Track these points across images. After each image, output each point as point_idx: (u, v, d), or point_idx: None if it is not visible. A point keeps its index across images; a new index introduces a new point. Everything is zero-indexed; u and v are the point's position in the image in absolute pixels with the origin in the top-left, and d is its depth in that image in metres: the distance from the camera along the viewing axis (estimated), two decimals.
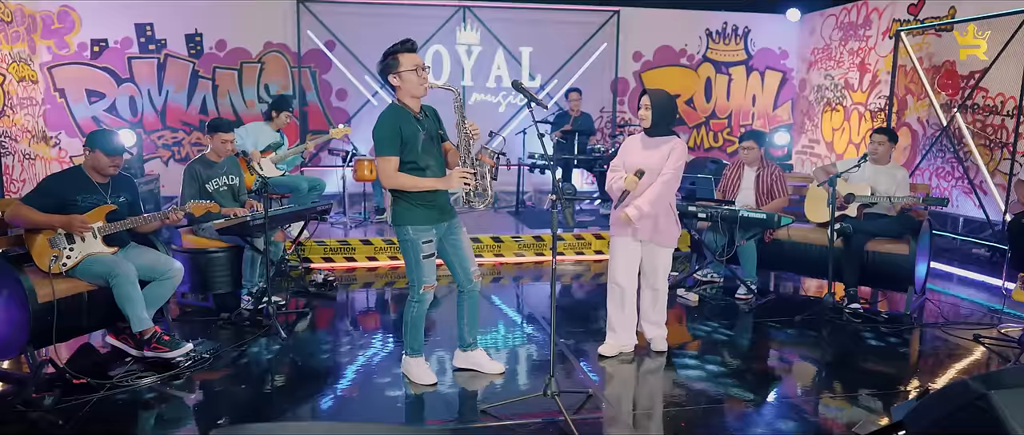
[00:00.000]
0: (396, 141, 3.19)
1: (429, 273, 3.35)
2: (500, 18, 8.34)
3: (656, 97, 3.64)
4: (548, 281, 5.92)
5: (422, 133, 3.26)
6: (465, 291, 3.55)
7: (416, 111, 3.28)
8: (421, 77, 3.23)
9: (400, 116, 3.23)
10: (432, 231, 3.32)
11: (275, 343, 4.07)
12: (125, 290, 3.51)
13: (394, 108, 3.26)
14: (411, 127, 3.22)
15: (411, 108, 3.26)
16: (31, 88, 7.23)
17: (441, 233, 3.40)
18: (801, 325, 4.50)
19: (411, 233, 3.29)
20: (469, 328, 3.61)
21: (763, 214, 4.69)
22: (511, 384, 3.55)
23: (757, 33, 9.01)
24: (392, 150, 3.18)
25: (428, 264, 3.33)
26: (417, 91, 3.24)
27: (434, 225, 3.33)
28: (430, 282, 3.37)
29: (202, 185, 4.56)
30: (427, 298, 3.40)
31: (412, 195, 3.26)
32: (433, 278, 3.37)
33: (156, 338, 3.58)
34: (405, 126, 3.21)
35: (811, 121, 8.83)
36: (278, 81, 8.06)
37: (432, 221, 3.32)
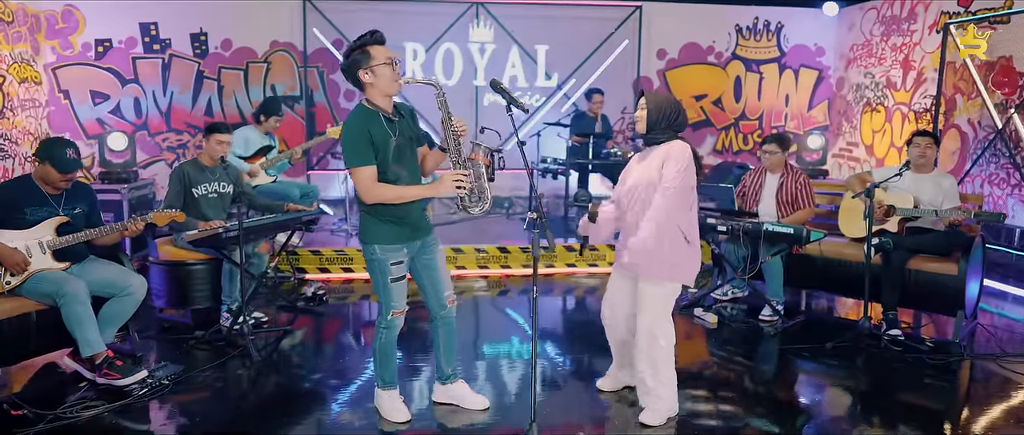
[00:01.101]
0: (368, 148, 2.81)
1: (399, 297, 2.98)
2: (515, 15, 7.94)
3: (654, 97, 3.06)
4: (559, 296, 5.51)
5: (394, 138, 2.88)
6: (438, 318, 3.17)
7: (388, 111, 2.90)
8: (395, 72, 2.85)
9: (368, 119, 2.85)
10: (403, 250, 2.95)
11: (245, 366, 3.74)
12: (74, 310, 3.21)
13: (362, 110, 2.88)
14: (381, 131, 2.85)
15: (382, 108, 2.88)
16: (34, 89, 7.08)
17: (413, 252, 3.02)
18: (833, 353, 4.00)
19: (379, 252, 2.92)
20: (446, 358, 3.23)
21: (790, 229, 4.20)
22: (499, 417, 3.16)
23: (791, 29, 8.44)
24: (365, 159, 2.81)
25: (397, 288, 2.96)
26: (390, 88, 2.86)
27: (405, 243, 2.96)
28: (399, 307, 2.99)
29: (189, 189, 4.26)
30: (396, 324, 3.03)
31: (381, 209, 2.89)
32: (403, 303, 3.00)
33: (108, 363, 3.28)
34: (375, 130, 2.83)
35: (849, 123, 8.23)
36: (285, 81, 7.79)
37: (403, 239, 2.95)
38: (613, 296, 3.25)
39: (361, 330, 4.60)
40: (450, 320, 3.18)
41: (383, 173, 2.86)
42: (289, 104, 7.83)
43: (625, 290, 3.17)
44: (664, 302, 3.01)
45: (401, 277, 2.95)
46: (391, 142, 2.86)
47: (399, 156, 2.89)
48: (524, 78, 8.09)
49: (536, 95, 8.14)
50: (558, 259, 6.09)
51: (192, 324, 4.35)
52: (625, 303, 3.17)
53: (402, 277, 2.96)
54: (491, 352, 4.10)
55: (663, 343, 3.00)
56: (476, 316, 4.95)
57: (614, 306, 3.25)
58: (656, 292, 2.99)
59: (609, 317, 3.28)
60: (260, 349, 4.00)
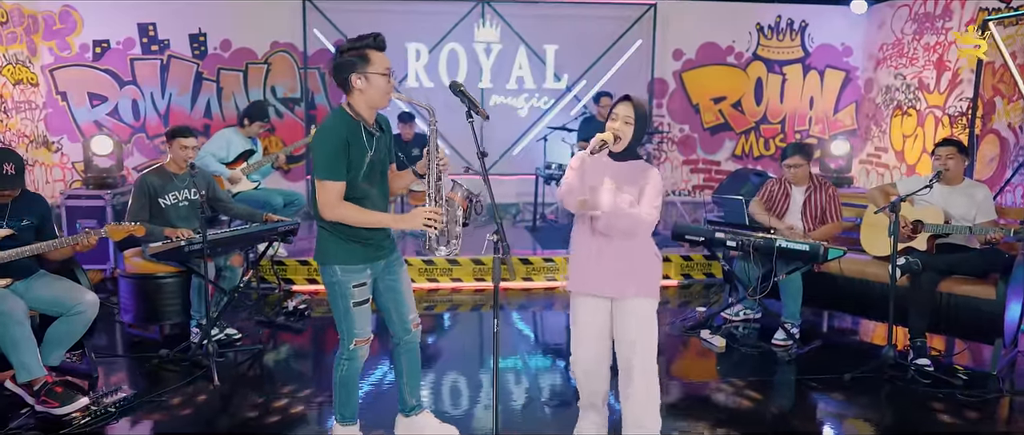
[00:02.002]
0: (342, 161, 2.52)
1: (362, 324, 2.67)
2: (522, 13, 7.60)
3: (642, 107, 2.61)
4: (562, 311, 5.17)
5: (370, 154, 2.59)
6: (401, 343, 2.86)
7: (370, 123, 2.61)
8: (390, 84, 2.56)
9: (350, 128, 2.55)
10: (366, 272, 2.66)
11: (203, 392, 3.46)
12: (8, 332, 2.96)
13: (343, 117, 2.57)
14: (359, 145, 2.56)
15: (365, 119, 2.59)
16: (30, 91, 6.94)
17: (377, 272, 2.72)
18: (852, 385, 3.59)
19: (339, 274, 2.62)
20: (410, 388, 2.93)
21: (805, 245, 3.81)
22: None
23: (816, 27, 7.97)
24: (336, 173, 2.51)
25: (360, 313, 2.66)
26: (381, 101, 2.58)
27: (369, 264, 2.66)
28: (362, 335, 2.69)
29: (154, 200, 4.02)
30: (360, 355, 2.72)
31: (343, 227, 2.59)
32: (367, 330, 2.70)
33: (46, 389, 3.02)
34: (354, 142, 2.54)
35: (878, 127, 7.74)
36: (285, 83, 7.56)
37: (366, 259, 2.65)
38: (589, 335, 2.69)
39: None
40: (414, 345, 2.88)
41: (351, 189, 2.56)
42: (289, 106, 7.61)
43: (598, 323, 2.68)
44: (653, 320, 2.66)
45: (364, 301, 2.66)
46: (366, 158, 2.57)
47: (370, 174, 2.61)
48: (532, 80, 7.75)
49: (544, 97, 7.79)
50: (560, 272, 5.73)
51: (161, 340, 4.09)
52: (603, 337, 2.70)
53: (365, 301, 2.66)
54: (465, 372, 3.78)
55: (651, 367, 2.63)
56: (479, 331, 4.65)
57: (593, 345, 2.69)
58: (650, 307, 2.63)
59: (590, 361, 2.70)
60: (230, 368, 3.74)
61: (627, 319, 2.60)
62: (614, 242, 2.58)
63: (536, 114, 7.82)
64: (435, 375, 3.77)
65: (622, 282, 2.59)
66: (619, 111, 2.60)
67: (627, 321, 2.60)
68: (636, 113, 2.58)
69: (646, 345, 2.60)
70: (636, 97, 2.64)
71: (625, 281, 2.59)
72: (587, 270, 2.64)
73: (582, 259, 2.67)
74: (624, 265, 2.59)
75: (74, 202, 5.49)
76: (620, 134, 2.57)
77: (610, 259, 2.59)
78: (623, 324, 2.61)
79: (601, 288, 2.63)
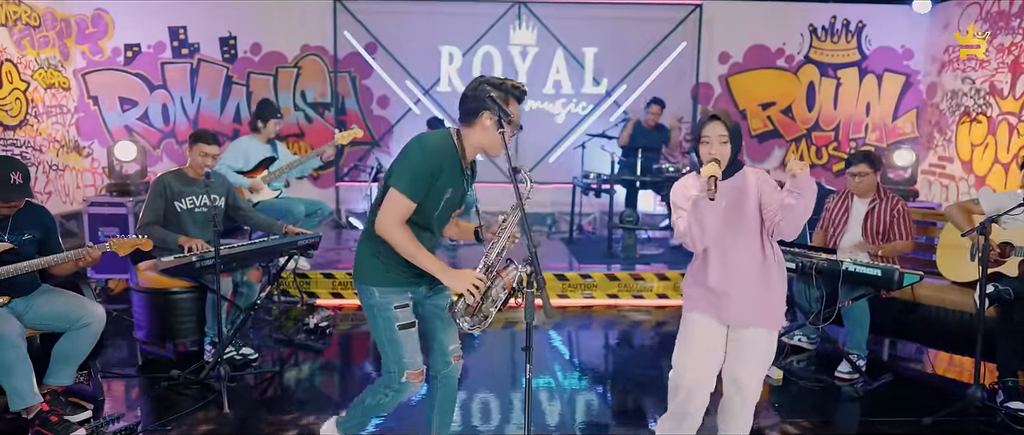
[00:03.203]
0: (426, 184, 2.29)
1: (411, 351, 2.40)
2: (560, 15, 7.27)
3: (730, 119, 2.43)
4: (599, 330, 4.83)
5: (450, 192, 2.36)
6: (439, 376, 2.56)
7: (467, 162, 2.40)
8: (507, 139, 2.30)
9: (450, 157, 2.33)
10: (407, 294, 2.40)
11: (213, 419, 3.21)
12: (3, 355, 2.74)
13: (449, 143, 2.36)
14: (449, 179, 2.34)
15: (467, 157, 2.39)
16: (62, 95, 6.88)
17: (419, 297, 2.46)
18: (935, 429, 3.17)
19: (377, 296, 2.37)
20: (440, 422, 2.62)
21: (878, 270, 3.39)
22: None
23: (874, 28, 7.47)
24: (417, 193, 2.28)
25: (407, 338, 2.39)
26: (492, 150, 2.39)
27: (409, 287, 2.40)
28: (415, 367, 2.41)
29: (170, 203, 3.80)
30: (410, 389, 2.44)
31: (386, 246, 2.33)
32: (419, 359, 2.42)
33: (41, 419, 2.80)
34: (447, 172, 2.32)
35: (942, 135, 7.20)
36: (315, 87, 7.38)
37: (407, 283, 2.39)
38: (706, 357, 2.52)
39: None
40: (452, 379, 2.59)
41: (419, 222, 2.35)
42: (319, 111, 7.42)
43: (719, 341, 2.52)
44: (773, 350, 2.59)
45: (410, 324, 2.40)
46: (445, 196, 2.35)
47: (445, 214, 2.41)
48: (569, 84, 7.41)
49: (582, 103, 7.45)
50: (598, 289, 5.38)
51: (174, 359, 3.87)
52: (717, 358, 2.54)
53: (412, 325, 2.40)
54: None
55: (757, 395, 2.58)
56: (511, 349, 4.35)
57: (705, 367, 2.52)
58: (773, 340, 2.55)
59: (694, 381, 2.52)
60: (243, 392, 3.49)
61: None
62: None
63: (574, 120, 7.49)
64: (466, 393, 3.53)
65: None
66: (710, 133, 2.41)
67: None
68: (729, 129, 2.40)
69: None
70: (722, 112, 2.45)
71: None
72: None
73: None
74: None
75: (96, 209, 5.34)
76: (719, 157, 2.37)
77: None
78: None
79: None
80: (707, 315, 2.48)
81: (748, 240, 2.43)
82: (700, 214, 2.31)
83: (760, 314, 2.46)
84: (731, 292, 2.43)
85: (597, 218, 7.49)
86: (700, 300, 2.50)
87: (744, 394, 2.51)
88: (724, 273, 2.43)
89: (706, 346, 2.49)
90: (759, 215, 2.45)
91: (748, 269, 2.43)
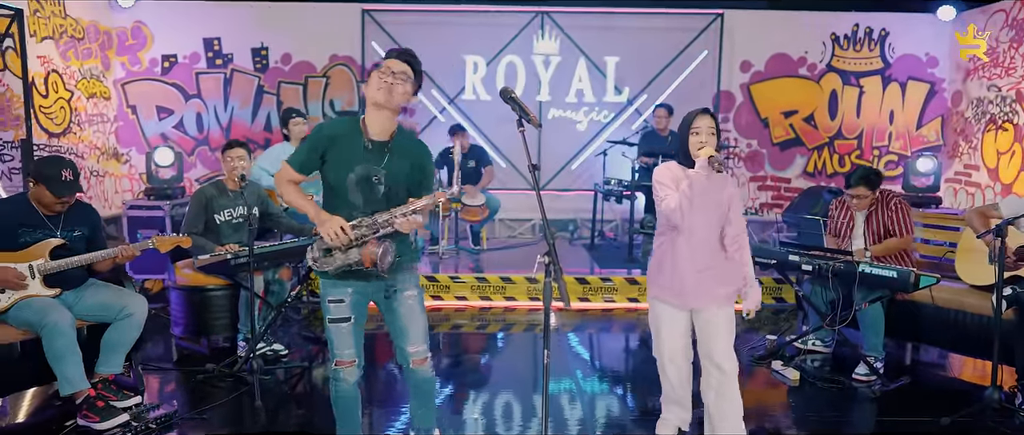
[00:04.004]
0: (312, 153, 2.48)
1: (341, 344, 2.49)
2: (582, 25, 7.40)
3: (717, 118, 2.81)
4: (619, 333, 4.91)
5: (361, 167, 2.44)
6: (406, 371, 2.66)
7: (376, 137, 2.47)
8: (382, 81, 2.41)
9: (340, 134, 2.51)
10: (346, 289, 2.47)
11: (246, 409, 3.36)
12: (53, 343, 2.92)
13: (341, 122, 2.65)
14: (344, 155, 2.46)
15: (366, 130, 2.47)
16: (103, 104, 7.17)
17: (371, 293, 2.54)
18: (950, 431, 3.19)
19: (323, 287, 2.52)
20: (416, 417, 2.74)
21: (894, 271, 3.44)
22: None
23: (897, 36, 7.47)
24: (295, 159, 2.53)
25: (337, 331, 2.48)
26: (375, 96, 2.43)
27: (349, 283, 2.47)
28: (342, 357, 2.50)
29: (210, 214, 3.99)
30: (342, 377, 2.52)
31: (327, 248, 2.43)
32: (347, 352, 2.50)
33: (88, 404, 2.97)
34: (338, 149, 2.47)
35: (968, 143, 7.16)
36: (343, 96, 7.58)
37: (343, 281, 2.46)
38: (678, 338, 2.87)
39: (390, 369, 4.16)
40: (422, 380, 2.65)
41: (337, 190, 2.49)
42: None
43: (683, 330, 2.86)
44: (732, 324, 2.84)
45: (341, 319, 2.47)
46: (356, 167, 2.44)
47: (362, 186, 2.45)
48: (591, 93, 7.52)
49: (604, 111, 7.55)
50: (618, 293, 5.46)
51: (208, 354, 4.04)
52: (687, 340, 2.89)
53: (343, 319, 2.47)
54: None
55: (734, 368, 2.79)
56: (533, 352, 4.44)
57: (682, 347, 2.89)
58: (730, 314, 2.80)
59: (680, 358, 2.90)
60: (275, 386, 3.64)
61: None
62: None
63: (595, 128, 7.58)
64: (488, 395, 3.62)
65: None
66: (701, 124, 2.74)
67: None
68: (717, 123, 2.77)
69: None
70: (709, 108, 2.82)
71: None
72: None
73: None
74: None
75: (135, 213, 5.58)
76: (710, 146, 2.70)
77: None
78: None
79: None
80: (670, 305, 2.80)
81: (712, 227, 2.73)
82: (695, 193, 2.62)
83: (716, 295, 2.74)
84: (690, 279, 2.72)
85: (618, 225, 7.57)
86: (663, 290, 2.80)
87: (722, 367, 2.75)
88: (689, 253, 2.70)
89: (672, 329, 2.83)
90: (725, 212, 2.75)
91: (708, 251, 2.73)
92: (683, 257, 2.72)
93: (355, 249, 2.36)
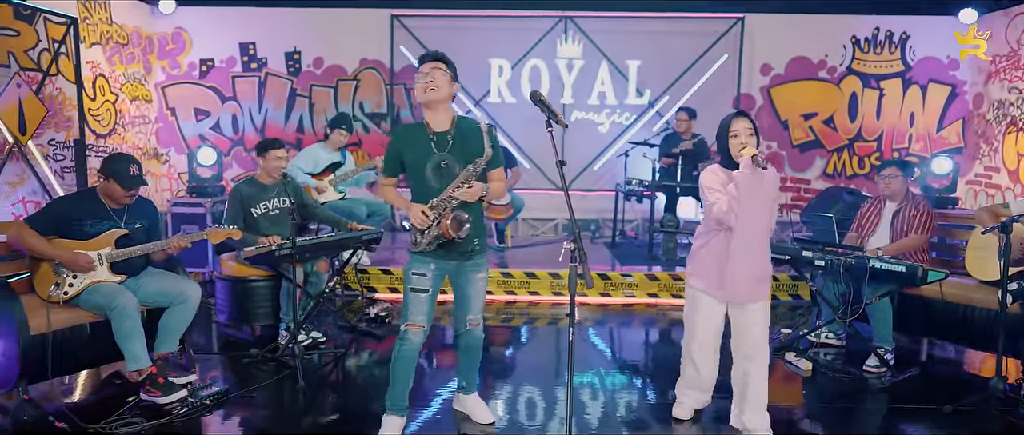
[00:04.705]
0: (393, 161, 2.98)
1: (415, 310, 2.89)
2: (605, 29, 7.59)
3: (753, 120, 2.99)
4: (639, 327, 5.09)
5: (436, 155, 2.88)
6: (459, 334, 3.10)
7: (438, 129, 2.92)
8: (423, 85, 2.88)
9: (408, 137, 2.98)
10: (429, 265, 2.88)
11: (289, 390, 3.61)
12: (122, 324, 3.21)
13: (407, 126, 3.12)
14: (417, 152, 2.90)
15: (429, 124, 2.92)
16: (145, 107, 7.52)
17: (448, 271, 2.96)
18: (955, 418, 3.34)
19: (409, 261, 2.95)
20: (462, 373, 3.27)
21: (902, 266, 3.60)
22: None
23: (918, 39, 7.55)
24: (388, 170, 3.04)
25: (414, 299, 2.89)
26: (420, 98, 2.92)
27: (435, 260, 2.89)
28: (413, 321, 2.89)
29: (247, 209, 4.26)
30: (410, 339, 2.91)
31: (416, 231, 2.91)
32: (419, 317, 2.89)
33: (151, 380, 3.24)
34: (411, 149, 2.92)
35: (988, 145, 7.22)
36: (372, 99, 7.85)
37: (429, 258, 2.90)
38: (714, 329, 3.08)
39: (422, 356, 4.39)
40: (473, 339, 3.12)
41: (420, 183, 2.91)
42: (376, 121, 7.89)
43: (719, 322, 3.07)
44: (768, 318, 3.03)
45: (420, 290, 2.89)
46: (429, 159, 2.88)
47: (439, 174, 2.88)
48: (613, 95, 7.71)
49: (626, 113, 7.74)
50: (639, 289, 5.64)
51: (251, 340, 4.31)
52: (720, 330, 3.10)
53: (421, 290, 2.88)
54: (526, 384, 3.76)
55: (766, 359, 3.01)
56: (556, 345, 4.65)
57: (715, 336, 3.10)
58: (764, 309, 2.98)
59: (711, 348, 3.12)
60: (314, 370, 3.89)
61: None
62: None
63: (617, 130, 7.77)
64: (511, 387, 3.78)
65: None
66: (739, 127, 2.90)
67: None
68: (754, 125, 2.92)
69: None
70: (745, 111, 3.01)
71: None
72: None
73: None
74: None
75: (178, 210, 5.89)
76: (750, 146, 2.86)
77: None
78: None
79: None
80: (712, 297, 2.97)
81: (760, 221, 2.84)
82: (743, 193, 2.74)
83: (759, 289, 2.92)
84: (741, 275, 2.84)
85: (639, 225, 7.74)
86: (708, 284, 2.95)
87: (755, 357, 2.92)
88: (742, 253, 2.82)
89: (709, 320, 2.98)
90: (769, 203, 2.87)
91: (755, 246, 2.85)
92: (736, 256, 2.84)
93: (435, 225, 2.77)
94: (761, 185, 2.81)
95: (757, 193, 2.79)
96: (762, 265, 2.91)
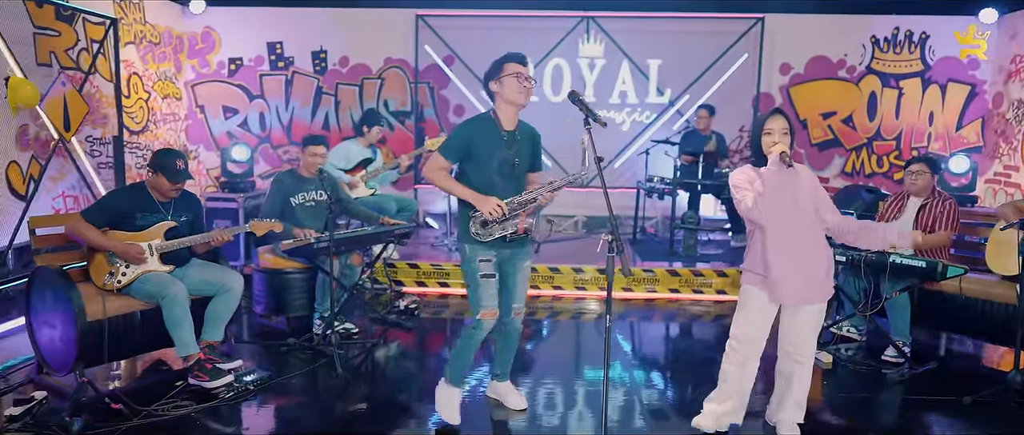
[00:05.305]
0: (459, 150, 3.03)
1: (488, 296, 3.00)
2: (626, 29, 7.70)
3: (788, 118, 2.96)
4: (660, 322, 5.20)
5: (502, 152, 3.01)
6: (503, 323, 3.20)
7: (504, 127, 3.04)
8: (520, 84, 2.97)
9: (481, 129, 3.06)
10: (491, 253, 3.01)
11: (327, 378, 3.77)
12: (173, 312, 3.37)
13: (482, 118, 3.11)
14: (488, 145, 3.02)
15: (500, 121, 3.04)
16: (175, 105, 7.72)
17: (503, 258, 3.07)
18: (973, 410, 3.43)
19: (468, 251, 3.03)
20: (500, 360, 3.38)
21: (922, 262, 3.69)
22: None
23: (937, 39, 7.59)
24: (448, 154, 3.03)
25: (486, 284, 3.00)
26: (516, 99, 3.01)
27: (493, 249, 3.02)
28: (489, 307, 3.01)
29: (287, 197, 4.42)
30: (485, 326, 3.04)
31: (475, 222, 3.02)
32: (493, 302, 3.02)
33: (199, 365, 3.40)
34: (482, 141, 3.02)
35: (1008, 144, 7.25)
36: (396, 97, 8.01)
37: (490, 245, 3.02)
38: (764, 326, 3.01)
39: (449, 346, 4.53)
40: (514, 328, 3.23)
41: (478, 175, 3.01)
42: (400, 119, 8.04)
43: (769, 321, 3.00)
44: (821, 322, 3.05)
45: (490, 275, 2.99)
46: (498, 155, 3.00)
47: (503, 170, 3.01)
48: (634, 94, 7.82)
49: (646, 112, 7.84)
50: (660, 284, 5.76)
51: (287, 330, 4.46)
52: (768, 326, 3.03)
53: (491, 276, 3.00)
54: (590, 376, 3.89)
55: (811, 363, 3.02)
56: (578, 340, 4.77)
57: (763, 333, 3.03)
58: (820, 312, 2.99)
59: (758, 346, 3.03)
60: (347, 360, 4.03)
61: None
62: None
63: (638, 128, 7.87)
64: (532, 381, 3.86)
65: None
66: (774, 126, 2.88)
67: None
68: (789, 123, 2.90)
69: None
70: (781, 109, 3.00)
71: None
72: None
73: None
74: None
75: (212, 204, 6.07)
76: (784, 146, 2.85)
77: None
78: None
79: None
80: (757, 290, 2.92)
81: (801, 221, 2.84)
82: (768, 189, 2.77)
83: (812, 291, 2.87)
84: (786, 275, 2.81)
85: (659, 222, 7.84)
86: (758, 281, 2.92)
87: (802, 360, 2.95)
88: (782, 251, 2.81)
89: (761, 316, 2.94)
90: (811, 202, 2.86)
91: (801, 247, 2.84)
92: (776, 255, 2.81)
93: (511, 221, 2.91)
94: (793, 183, 2.81)
95: (785, 190, 2.79)
96: (810, 267, 2.83)
